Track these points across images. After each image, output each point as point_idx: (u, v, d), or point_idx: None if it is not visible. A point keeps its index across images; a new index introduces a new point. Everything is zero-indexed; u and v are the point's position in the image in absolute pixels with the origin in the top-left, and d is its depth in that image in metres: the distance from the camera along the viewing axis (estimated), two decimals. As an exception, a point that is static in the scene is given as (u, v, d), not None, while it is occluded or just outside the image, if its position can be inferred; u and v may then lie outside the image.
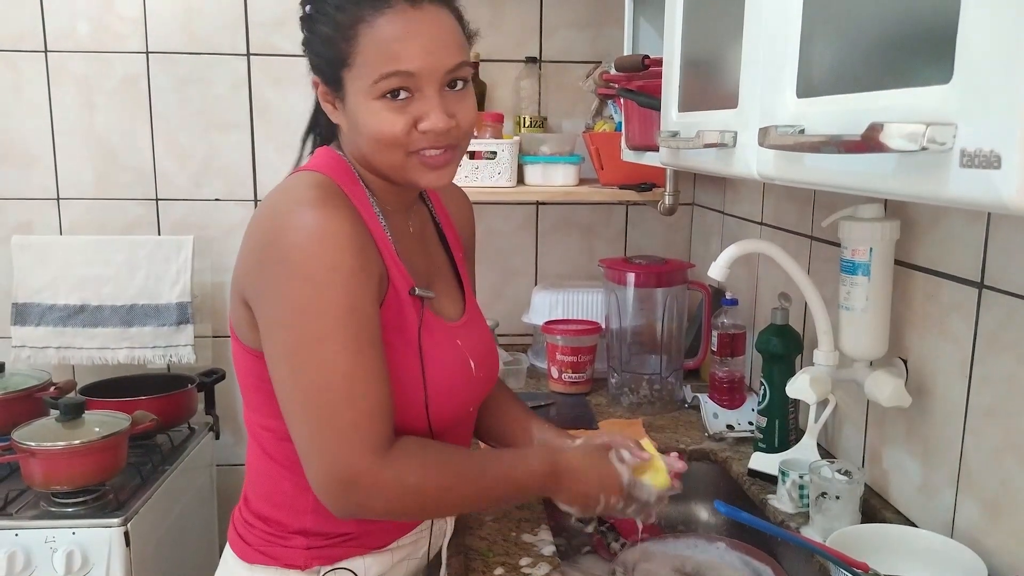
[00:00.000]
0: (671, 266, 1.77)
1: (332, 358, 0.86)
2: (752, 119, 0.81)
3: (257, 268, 0.90)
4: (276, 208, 0.91)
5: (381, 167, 0.95)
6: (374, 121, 0.90)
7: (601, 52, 2.14)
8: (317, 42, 0.92)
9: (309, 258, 0.85)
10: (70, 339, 2.06)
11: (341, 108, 0.94)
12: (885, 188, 0.58)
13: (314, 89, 0.97)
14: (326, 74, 0.93)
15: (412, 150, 0.92)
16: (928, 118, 0.51)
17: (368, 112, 0.90)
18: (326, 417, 0.86)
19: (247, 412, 1.02)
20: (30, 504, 1.64)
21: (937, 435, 1.10)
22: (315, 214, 0.87)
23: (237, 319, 0.96)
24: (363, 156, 0.96)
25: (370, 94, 0.89)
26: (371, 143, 0.92)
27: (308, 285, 0.85)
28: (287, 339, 0.87)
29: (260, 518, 1.02)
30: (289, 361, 0.88)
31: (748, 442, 1.49)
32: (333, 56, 0.91)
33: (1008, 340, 0.96)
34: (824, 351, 1.21)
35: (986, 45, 0.48)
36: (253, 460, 1.04)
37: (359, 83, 0.90)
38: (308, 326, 0.86)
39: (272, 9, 2.08)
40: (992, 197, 0.47)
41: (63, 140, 2.12)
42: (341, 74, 0.91)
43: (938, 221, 1.10)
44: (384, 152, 0.92)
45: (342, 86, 0.92)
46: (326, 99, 0.95)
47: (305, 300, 0.86)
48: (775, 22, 0.76)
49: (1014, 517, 0.95)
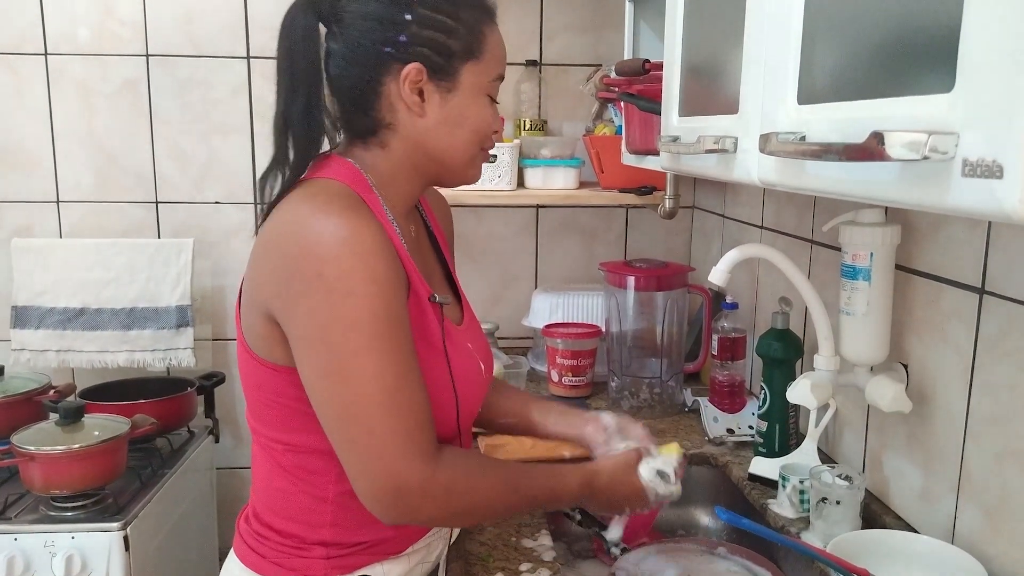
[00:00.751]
0: (671, 270, 1.77)
1: (377, 370, 0.85)
2: (753, 125, 0.81)
3: (285, 283, 0.87)
4: (298, 219, 0.87)
5: (458, 160, 0.99)
6: (484, 113, 0.98)
7: (602, 56, 2.14)
8: (435, 30, 0.92)
9: (346, 271, 0.84)
10: (70, 342, 2.05)
11: (438, 98, 0.95)
12: (886, 196, 0.58)
13: (402, 76, 0.92)
14: (438, 63, 0.93)
15: (485, 146, 1.01)
16: (930, 127, 0.51)
17: (480, 104, 0.97)
18: (376, 428, 0.86)
19: (257, 425, 1.00)
20: (29, 508, 1.64)
21: (938, 441, 1.10)
22: (343, 224, 0.85)
23: (253, 334, 0.94)
24: (438, 149, 0.97)
25: (485, 89, 0.97)
26: (472, 134, 0.97)
27: (349, 299, 0.84)
28: (329, 354, 0.86)
29: (274, 530, 1.00)
30: (332, 376, 0.86)
31: (748, 446, 1.49)
32: (459, 47, 0.94)
33: (1009, 346, 0.96)
34: (825, 356, 1.20)
35: (988, 54, 0.47)
36: (263, 473, 1.02)
37: (480, 77, 0.96)
38: (351, 340, 0.85)
39: (272, 12, 2.08)
40: (994, 207, 0.47)
41: (63, 143, 2.12)
42: (461, 65, 0.94)
43: (939, 226, 1.10)
44: (475, 145, 0.99)
45: (457, 77, 0.95)
46: (416, 87, 0.93)
47: (346, 314, 0.84)
48: (776, 28, 0.76)
49: (1015, 523, 0.95)
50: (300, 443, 0.96)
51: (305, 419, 0.93)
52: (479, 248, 2.24)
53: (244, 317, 0.95)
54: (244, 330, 0.96)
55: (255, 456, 1.03)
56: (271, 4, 2.08)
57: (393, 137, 0.97)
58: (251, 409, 1.00)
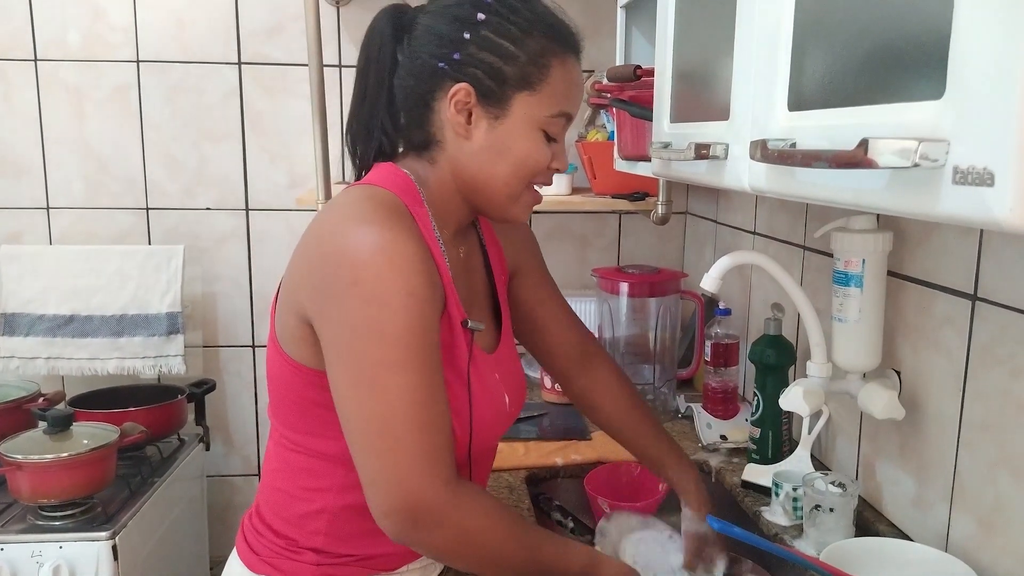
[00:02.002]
0: (664, 276, 1.76)
1: (406, 385, 0.83)
2: (744, 131, 0.81)
3: (321, 286, 0.86)
4: (339, 222, 0.87)
5: (499, 192, 0.95)
6: (532, 149, 0.93)
7: (594, 61, 2.12)
8: (492, 53, 0.90)
9: (383, 281, 0.82)
10: (60, 349, 2.04)
11: (486, 123, 0.92)
12: (877, 204, 0.58)
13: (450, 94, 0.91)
14: (489, 87, 0.90)
15: (533, 183, 0.96)
16: (920, 134, 0.50)
17: (530, 139, 0.92)
18: (399, 445, 0.83)
19: (275, 421, 1.00)
20: (17, 518, 1.62)
21: (931, 448, 1.10)
22: (383, 233, 0.83)
23: (286, 333, 0.93)
24: (480, 176, 0.94)
25: (539, 123, 0.92)
26: (515, 167, 0.93)
27: (385, 311, 0.82)
28: (360, 364, 0.84)
29: (272, 530, 1.00)
30: (359, 387, 0.84)
31: (742, 453, 1.48)
32: (514, 75, 0.90)
33: (1002, 353, 0.96)
34: (817, 363, 1.20)
35: (979, 61, 0.47)
36: (271, 469, 1.02)
37: (534, 110, 0.91)
38: (383, 352, 0.83)
39: (263, 18, 2.07)
40: (985, 215, 0.47)
41: (53, 149, 2.11)
42: (514, 94, 0.91)
43: (931, 233, 1.09)
44: (518, 179, 0.94)
45: (508, 105, 0.91)
46: (463, 109, 0.91)
47: (380, 326, 0.82)
48: (766, 34, 0.75)
49: (1008, 531, 0.95)
50: (310, 445, 0.95)
51: (319, 422, 0.93)
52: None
53: (279, 315, 0.95)
54: (277, 327, 0.95)
55: (269, 453, 1.03)
56: (262, 10, 2.07)
57: (441, 155, 0.95)
58: (273, 405, 1.00)
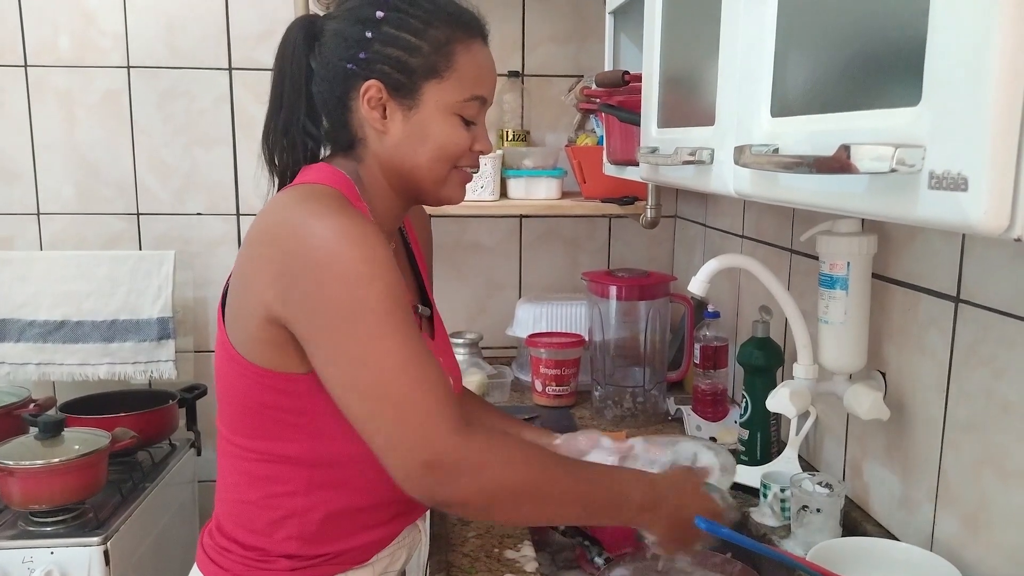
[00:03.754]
0: (654, 279, 1.77)
1: (395, 350, 0.85)
2: (729, 137, 0.82)
3: (293, 283, 0.86)
4: (295, 220, 0.87)
5: (425, 178, 0.98)
6: (448, 133, 0.96)
7: (583, 66, 2.15)
8: (395, 48, 0.93)
9: (339, 257, 0.84)
10: (50, 355, 2.04)
11: (400, 116, 0.95)
12: (857, 208, 0.59)
13: (361, 92, 0.95)
14: (398, 80, 0.94)
15: (459, 165, 1.00)
16: (897, 140, 0.52)
17: (445, 125, 0.96)
18: (404, 400, 0.84)
19: (229, 433, 0.99)
20: (8, 523, 1.62)
21: (916, 448, 1.11)
22: (340, 219, 0.86)
23: (243, 337, 0.93)
24: (405, 166, 0.97)
25: (452, 109, 0.96)
26: (436, 152, 0.97)
27: (359, 285, 0.84)
28: (346, 342, 0.85)
29: (238, 544, 1.00)
30: (352, 364, 0.85)
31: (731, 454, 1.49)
32: (420, 65, 0.94)
33: (985, 354, 0.97)
34: (803, 365, 1.21)
35: (953, 68, 0.48)
36: (229, 484, 1.02)
37: (445, 96, 0.95)
38: (366, 325, 0.84)
39: (254, 23, 2.08)
40: (960, 219, 0.48)
41: (44, 155, 2.11)
42: (424, 84, 0.94)
43: (915, 236, 1.11)
44: (441, 164, 0.98)
45: (419, 96, 0.95)
46: (377, 104, 0.95)
47: (348, 299, 0.84)
48: (750, 41, 0.77)
49: (993, 530, 0.96)
50: (271, 451, 0.95)
51: (279, 426, 0.94)
52: (463, 258, 2.24)
53: (233, 320, 0.95)
54: (231, 333, 0.95)
55: (222, 467, 1.03)
56: (253, 15, 2.08)
57: (366, 152, 0.99)
58: (225, 416, 1.00)
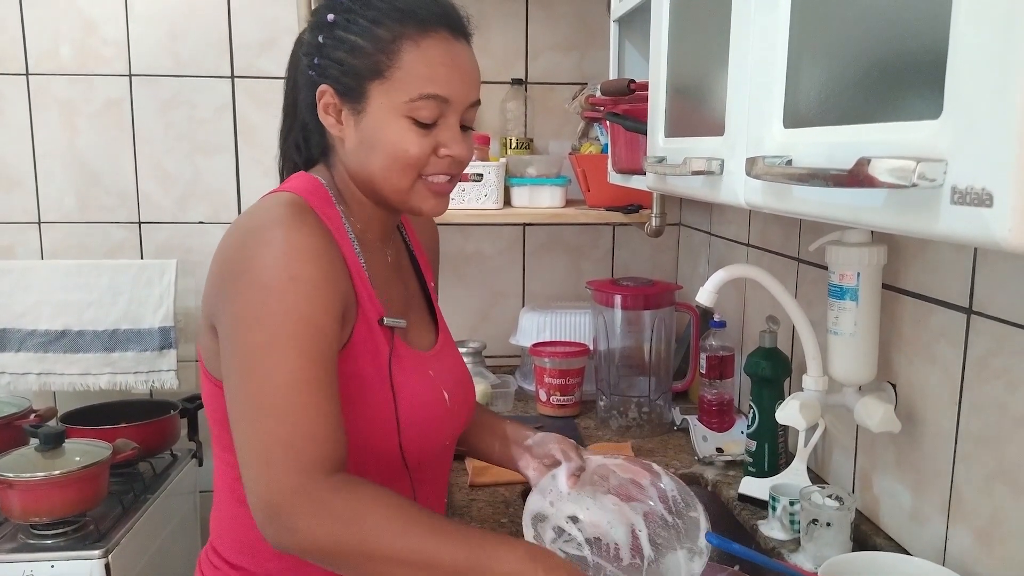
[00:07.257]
0: (659, 288, 1.76)
1: (283, 369, 0.80)
2: (739, 147, 0.80)
3: (219, 286, 0.87)
4: (243, 229, 0.88)
5: (384, 188, 0.94)
6: (398, 138, 0.90)
7: (587, 74, 2.14)
8: (341, 50, 0.90)
9: (267, 268, 0.82)
10: (51, 365, 2.02)
11: (353, 121, 0.92)
12: (874, 222, 0.58)
13: (317, 98, 0.93)
14: (346, 84, 0.91)
15: (424, 174, 0.93)
16: (918, 153, 0.50)
17: (394, 128, 0.90)
18: (260, 432, 0.80)
19: (217, 451, 0.98)
20: (8, 536, 1.61)
21: (928, 461, 1.09)
22: (281, 230, 0.84)
23: (206, 349, 0.93)
24: (363, 175, 0.94)
25: (400, 111, 0.89)
26: (387, 160, 0.91)
27: (267, 295, 0.82)
28: (242, 351, 0.82)
29: (227, 563, 0.98)
30: (240, 374, 0.82)
31: (738, 465, 1.48)
32: (364, 66, 0.89)
33: (998, 367, 0.96)
34: (813, 376, 1.20)
35: (976, 80, 0.47)
36: (221, 502, 1.00)
37: (391, 97, 0.89)
38: (261, 335, 0.81)
39: (256, 32, 2.07)
40: (984, 235, 0.46)
41: (45, 163, 2.10)
42: (368, 86, 0.90)
43: (926, 247, 1.10)
44: (396, 172, 0.92)
45: (365, 98, 0.90)
46: (331, 110, 0.93)
47: (257, 307, 0.82)
48: (761, 50, 0.75)
49: (1006, 545, 0.95)
50: None
51: None
52: (466, 266, 2.23)
53: (200, 333, 0.95)
54: (201, 348, 0.96)
55: (215, 483, 1.01)
56: (255, 24, 2.07)
57: (335, 158, 0.98)
58: (212, 429, 0.99)
